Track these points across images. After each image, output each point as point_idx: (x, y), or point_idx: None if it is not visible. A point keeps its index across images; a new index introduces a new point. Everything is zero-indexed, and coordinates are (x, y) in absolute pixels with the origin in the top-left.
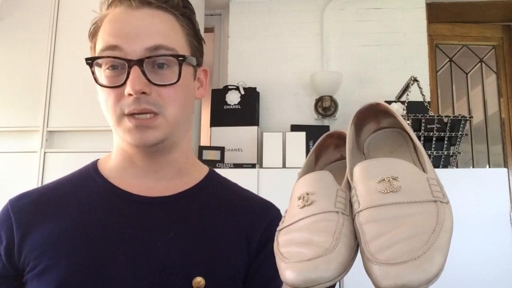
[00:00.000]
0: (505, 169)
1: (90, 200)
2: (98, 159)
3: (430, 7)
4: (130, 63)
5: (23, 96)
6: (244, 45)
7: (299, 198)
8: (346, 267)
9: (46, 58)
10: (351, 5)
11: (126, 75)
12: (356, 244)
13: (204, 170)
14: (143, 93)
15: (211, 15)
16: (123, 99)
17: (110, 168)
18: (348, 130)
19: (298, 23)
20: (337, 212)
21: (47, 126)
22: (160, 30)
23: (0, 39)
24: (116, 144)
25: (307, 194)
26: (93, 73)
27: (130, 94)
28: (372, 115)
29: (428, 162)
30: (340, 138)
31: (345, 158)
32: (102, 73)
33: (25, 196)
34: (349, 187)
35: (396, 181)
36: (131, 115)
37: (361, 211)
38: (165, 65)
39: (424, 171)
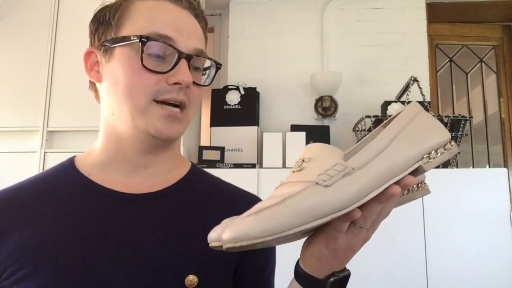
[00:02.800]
0: (505, 169)
1: (70, 199)
2: (75, 156)
3: (430, 7)
4: (182, 55)
5: (23, 96)
6: (244, 45)
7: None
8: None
9: (46, 58)
10: (351, 5)
11: (173, 65)
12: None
13: (187, 165)
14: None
15: (211, 15)
16: (159, 86)
17: (93, 164)
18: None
19: (298, 23)
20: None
21: (47, 126)
22: (202, 36)
23: (0, 39)
24: (110, 136)
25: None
26: (142, 51)
27: (177, 83)
28: None
29: (364, 150)
30: None
31: None
32: (136, 56)
33: None
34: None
35: (305, 162)
36: (164, 103)
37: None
38: (198, 68)
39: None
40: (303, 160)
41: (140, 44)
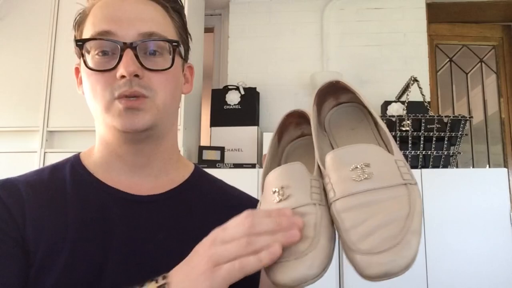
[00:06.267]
0: (505, 169)
1: (77, 196)
2: (80, 153)
3: (430, 7)
4: (124, 46)
5: (23, 96)
6: (244, 45)
7: (274, 192)
8: (330, 258)
9: (46, 58)
10: (351, 5)
11: (118, 59)
12: (334, 232)
13: (189, 166)
14: (136, 76)
15: (211, 15)
16: (114, 83)
17: (95, 162)
18: (311, 110)
19: (298, 23)
20: (314, 204)
21: (47, 126)
22: (154, 17)
23: (0, 39)
24: (100, 138)
25: (282, 187)
26: (82, 55)
27: (123, 76)
28: (331, 92)
29: (392, 140)
30: (300, 116)
31: (306, 135)
32: (91, 59)
33: (10, 182)
34: (320, 174)
35: (368, 167)
36: (122, 97)
37: (337, 199)
38: (157, 52)
39: (388, 149)
40: (365, 166)
41: (78, 48)
